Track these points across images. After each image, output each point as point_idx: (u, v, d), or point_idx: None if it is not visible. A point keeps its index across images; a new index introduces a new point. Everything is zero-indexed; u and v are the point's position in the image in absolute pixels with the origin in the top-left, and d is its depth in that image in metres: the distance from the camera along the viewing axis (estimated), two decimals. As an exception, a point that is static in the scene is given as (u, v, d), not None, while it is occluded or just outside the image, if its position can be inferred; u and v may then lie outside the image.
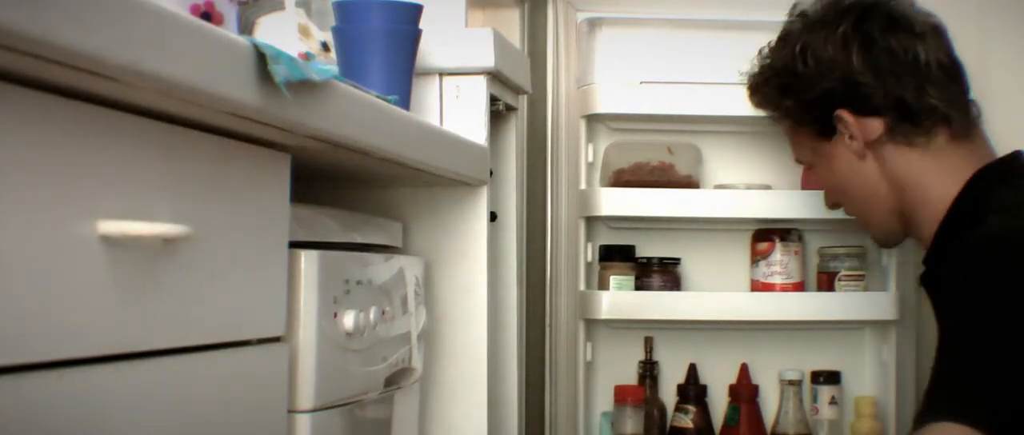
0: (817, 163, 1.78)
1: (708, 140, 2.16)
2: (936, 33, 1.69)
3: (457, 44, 1.54)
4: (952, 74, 1.67)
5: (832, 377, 2.09)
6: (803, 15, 1.75)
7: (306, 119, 0.96)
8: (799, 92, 1.72)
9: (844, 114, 1.66)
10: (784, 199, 2.08)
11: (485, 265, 1.52)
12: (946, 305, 1.55)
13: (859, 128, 1.65)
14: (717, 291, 2.12)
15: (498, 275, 1.67)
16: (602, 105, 2.05)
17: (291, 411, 1.07)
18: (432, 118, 1.52)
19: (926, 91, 1.64)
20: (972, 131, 1.68)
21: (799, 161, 1.87)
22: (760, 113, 2.06)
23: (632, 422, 2.05)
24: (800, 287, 2.10)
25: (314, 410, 1.09)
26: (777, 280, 2.08)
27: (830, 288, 2.09)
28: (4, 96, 0.67)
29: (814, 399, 2.09)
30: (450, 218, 1.52)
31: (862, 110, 1.65)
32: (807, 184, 2.15)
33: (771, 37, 2.03)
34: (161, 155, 0.83)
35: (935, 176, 1.65)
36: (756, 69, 1.84)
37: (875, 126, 1.65)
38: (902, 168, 1.67)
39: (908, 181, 1.67)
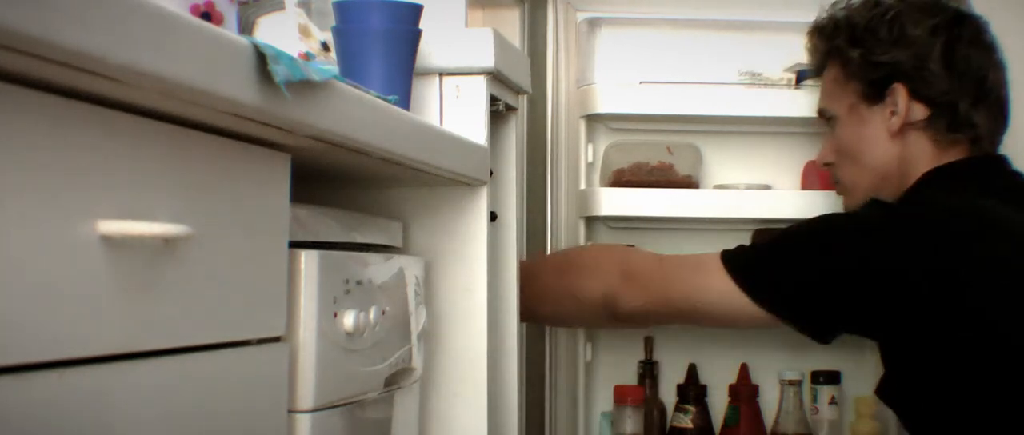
0: (845, 119, 1.80)
1: (708, 140, 2.16)
2: (1002, 68, 1.77)
3: (457, 44, 1.54)
4: (1002, 107, 1.76)
5: (832, 377, 2.09)
6: None
7: (306, 119, 0.96)
8: (871, 50, 1.75)
9: (901, 88, 1.71)
10: (784, 199, 2.08)
11: (485, 265, 1.51)
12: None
13: (906, 107, 1.71)
14: (717, 291, 2.12)
15: (498, 275, 1.67)
16: (602, 105, 2.05)
17: (291, 411, 1.07)
18: (432, 118, 1.52)
19: (977, 109, 1.72)
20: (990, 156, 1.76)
21: (823, 112, 1.87)
22: (759, 113, 2.06)
23: (632, 422, 2.05)
24: (800, 287, 2.09)
25: (314, 410, 1.09)
26: (777, 280, 2.07)
27: (830, 288, 2.09)
28: (4, 96, 0.67)
29: (814, 399, 2.09)
30: (450, 218, 1.52)
31: (916, 94, 1.71)
32: (807, 184, 2.15)
33: (771, 37, 2.04)
34: (161, 155, 0.83)
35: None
36: (828, 14, 1.87)
37: (920, 112, 1.71)
38: (914, 157, 1.73)
39: (907, 169, 1.72)
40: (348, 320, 1.15)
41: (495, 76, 1.56)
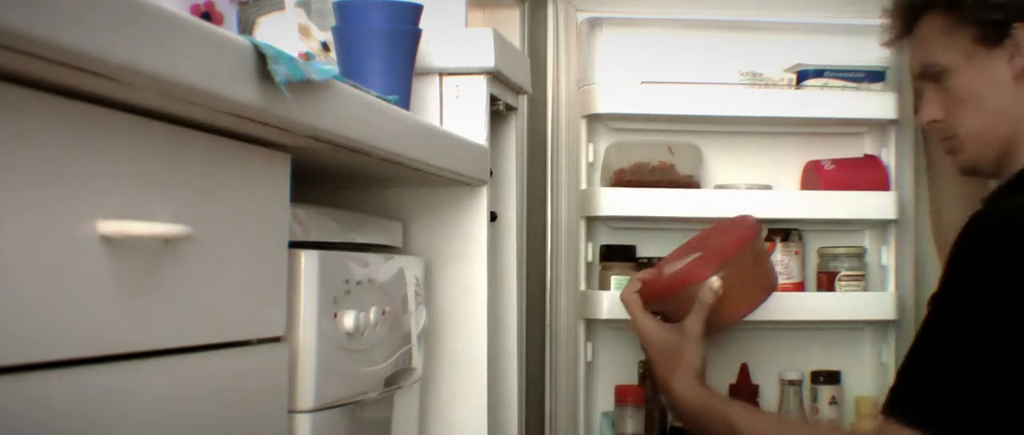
0: (963, 68, 1.70)
1: (708, 140, 2.16)
2: None
3: (457, 44, 1.54)
4: None
5: (832, 377, 2.09)
6: None
7: (306, 119, 0.96)
8: None
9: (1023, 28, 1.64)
10: (784, 199, 2.08)
11: (485, 265, 1.52)
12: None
13: None
14: (717, 291, 2.12)
15: (498, 275, 1.67)
16: (602, 105, 2.05)
17: (291, 411, 1.07)
18: (432, 118, 1.52)
19: None
20: None
21: (928, 68, 1.74)
22: (759, 113, 2.06)
23: (632, 422, 2.05)
24: (800, 287, 2.10)
25: (314, 410, 1.09)
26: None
27: (830, 288, 2.09)
28: (4, 96, 0.67)
29: (814, 399, 2.09)
30: (450, 218, 1.52)
31: None
32: (807, 184, 2.15)
33: (771, 37, 2.04)
34: (161, 155, 0.83)
35: None
36: None
37: None
38: None
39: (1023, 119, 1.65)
40: (348, 320, 1.15)
41: (495, 76, 1.56)
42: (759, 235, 1.77)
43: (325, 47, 1.36)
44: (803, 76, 2.10)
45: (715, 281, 1.69)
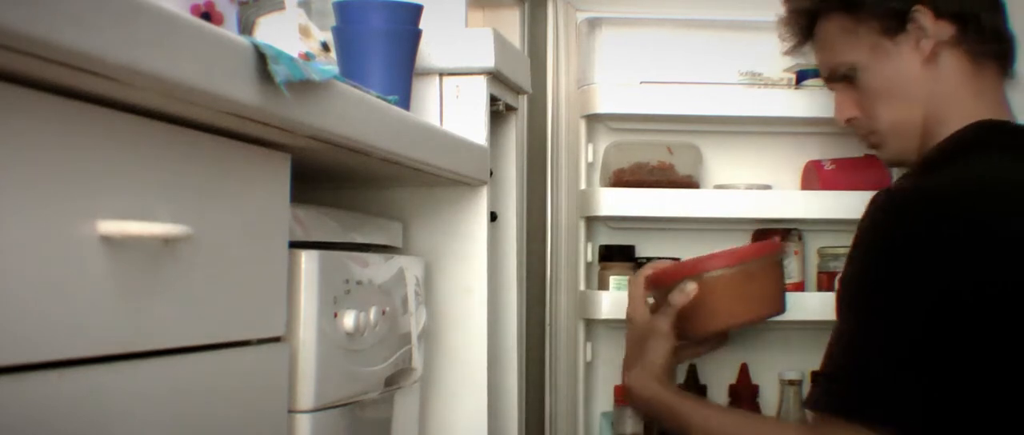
0: (871, 62, 1.69)
1: (708, 140, 2.16)
2: None
3: (457, 44, 1.54)
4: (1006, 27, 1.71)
5: (832, 377, 2.09)
6: None
7: (306, 119, 0.96)
8: None
9: (924, 9, 1.64)
10: (784, 199, 2.08)
11: (485, 265, 1.52)
12: (849, 261, 1.53)
13: (934, 28, 1.63)
14: (717, 291, 2.12)
15: (498, 275, 1.67)
16: (602, 105, 2.05)
17: (291, 411, 1.07)
18: (432, 118, 1.52)
19: (998, 17, 1.67)
20: (1006, 82, 1.69)
21: (835, 70, 1.74)
22: (759, 113, 2.06)
23: (632, 422, 2.05)
24: (800, 287, 2.10)
25: (314, 410, 1.09)
26: (777, 280, 2.07)
27: (830, 288, 2.09)
28: (4, 96, 0.67)
29: (814, 399, 2.08)
30: (450, 218, 1.52)
31: (939, 13, 1.64)
32: (807, 184, 2.15)
33: (771, 37, 2.02)
34: (161, 155, 0.83)
35: (969, 101, 1.63)
36: None
37: (947, 28, 1.64)
38: (952, 79, 1.64)
39: (949, 94, 1.64)
40: (348, 320, 1.15)
41: (495, 76, 1.57)
42: (775, 251, 1.75)
43: (325, 47, 1.36)
44: (803, 76, 2.10)
45: (689, 284, 1.66)
